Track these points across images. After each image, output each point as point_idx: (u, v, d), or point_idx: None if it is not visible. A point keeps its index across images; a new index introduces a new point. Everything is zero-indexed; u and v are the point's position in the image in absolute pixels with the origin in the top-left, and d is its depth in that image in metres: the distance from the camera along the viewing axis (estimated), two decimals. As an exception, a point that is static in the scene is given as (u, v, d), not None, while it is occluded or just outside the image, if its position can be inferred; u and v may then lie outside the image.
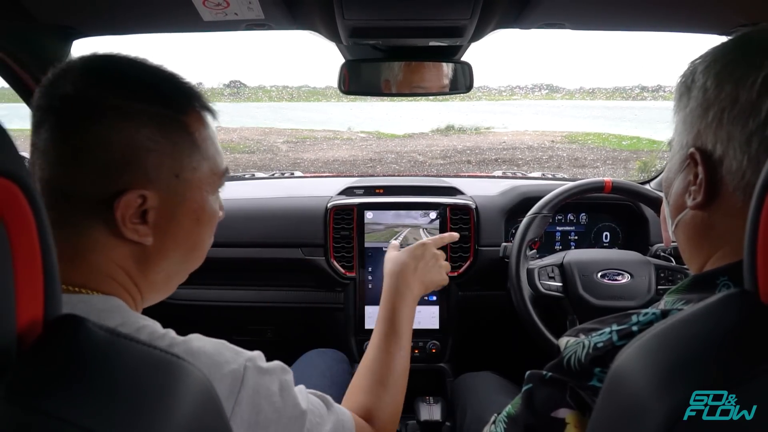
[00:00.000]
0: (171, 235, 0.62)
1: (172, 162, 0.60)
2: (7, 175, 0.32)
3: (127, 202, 0.56)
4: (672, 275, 1.30)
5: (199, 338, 0.59)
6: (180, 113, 0.61)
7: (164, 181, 0.59)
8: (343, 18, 0.98)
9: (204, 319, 1.68)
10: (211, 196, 0.66)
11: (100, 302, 0.56)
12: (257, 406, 0.58)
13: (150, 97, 0.59)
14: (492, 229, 1.60)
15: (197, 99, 0.64)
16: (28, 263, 0.33)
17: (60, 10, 1.02)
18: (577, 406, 0.57)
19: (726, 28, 1.08)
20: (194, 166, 0.62)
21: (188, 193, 0.62)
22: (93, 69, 0.59)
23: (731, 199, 0.54)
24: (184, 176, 0.61)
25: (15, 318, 0.32)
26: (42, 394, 0.31)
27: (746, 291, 0.40)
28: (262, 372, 0.60)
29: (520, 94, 28.44)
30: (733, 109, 0.53)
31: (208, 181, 0.65)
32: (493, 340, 1.74)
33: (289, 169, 2.16)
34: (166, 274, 0.65)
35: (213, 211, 0.67)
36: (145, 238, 0.59)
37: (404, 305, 0.93)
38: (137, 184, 0.57)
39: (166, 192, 0.60)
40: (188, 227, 0.63)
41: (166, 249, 0.62)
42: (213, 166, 0.65)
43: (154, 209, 0.59)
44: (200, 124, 0.63)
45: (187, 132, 0.61)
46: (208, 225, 0.67)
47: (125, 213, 0.57)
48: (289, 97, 28.67)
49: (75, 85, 0.56)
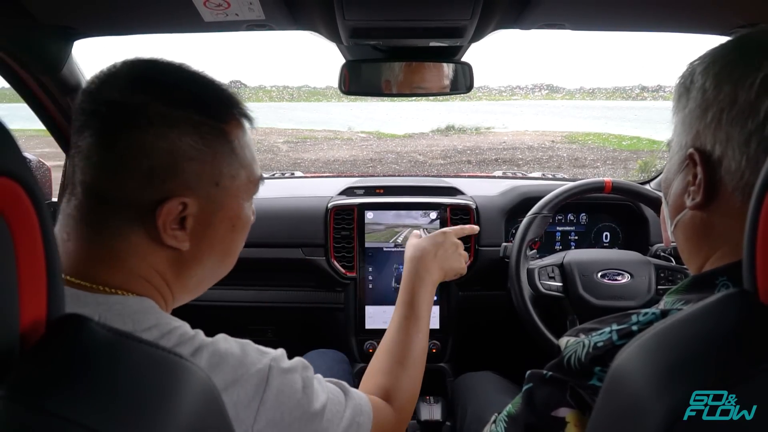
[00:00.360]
0: (207, 241, 0.63)
1: (212, 170, 0.60)
2: (10, 175, 0.32)
3: (168, 209, 0.57)
4: (672, 275, 1.30)
5: (226, 339, 0.60)
6: (221, 121, 0.61)
7: (204, 189, 0.60)
8: (344, 18, 0.98)
9: (205, 319, 1.67)
10: (246, 203, 0.67)
11: (136, 303, 0.57)
12: (281, 404, 0.59)
13: (193, 105, 0.59)
14: (492, 229, 1.60)
15: (237, 106, 0.64)
16: (31, 263, 0.33)
17: (61, 11, 1.02)
18: (578, 406, 0.57)
19: (725, 28, 1.08)
20: (233, 174, 0.63)
21: (226, 200, 0.63)
22: (138, 75, 0.59)
23: (730, 200, 0.54)
24: (224, 184, 0.62)
25: (18, 317, 0.32)
26: (45, 394, 0.32)
27: (745, 291, 0.41)
28: (285, 371, 0.61)
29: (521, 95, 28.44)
30: (732, 109, 0.53)
31: (245, 188, 0.66)
32: (493, 340, 1.74)
33: (289, 169, 2.17)
34: (198, 279, 0.66)
35: (247, 217, 0.68)
36: (182, 244, 0.60)
37: (424, 289, 0.94)
38: (178, 192, 0.58)
39: (205, 199, 0.60)
40: (223, 234, 0.64)
41: (202, 254, 0.63)
42: (250, 174, 0.66)
43: (193, 216, 0.60)
44: (239, 132, 0.64)
45: (227, 140, 0.62)
46: (243, 231, 0.68)
47: (166, 220, 0.57)
48: (290, 97, 28.65)
49: (121, 91, 0.57)
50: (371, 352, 1.58)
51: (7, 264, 0.32)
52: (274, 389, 0.59)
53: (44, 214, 0.34)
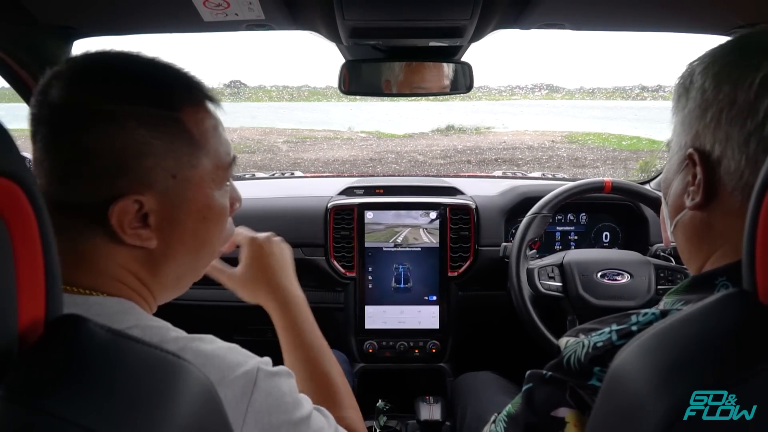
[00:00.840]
0: (176, 236, 0.60)
1: (167, 163, 0.57)
2: (9, 175, 0.32)
3: (121, 209, 0.55)
4: (672, 275, 1.30)
5: (213, 340, 0.59)
6: (174, 110, 0.58)
7: (161, 183, 0.57)
8: (344, 18, 0.98)
9: (204, 319, 1.68)
10: (217, 191, 0.64)
11: (116, 304, 0.56)
12: (270, 407, 0.58)
13: (140, 97, 0.56)
14: (492, 229, 1.60)
15: (195, 91, 0.61)
16: (29, 263, 0.33)
17: (61, 11, 1.02)
18: (577, 406, 0.57)
19: (725, 28, 1.08)
20: (193, 164, 0.60)
21: (189, 192, 0.60)
22: (80, 72, 0.57)
23: (730, 200, 0.54)
24: (183, 176, 0.59)
25: (16, 318, 0.32)
26: (43, 394, 0.32)
27: (745, 291, 0.41)
28: (272, 375, 0.60)
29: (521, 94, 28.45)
30: (732, 109, 0.53)
31: (212, 176, 0.62)
32: (493, 340, 1.74)
33: (289, 169, 2.17)
34: (176, 275, 0.64)
35: (221, 206, 0.65)
36: (148, 242, 0.57)
37: (300, 317, 0.84)
38: (133, 190, 0.55)
39: (164, 194, 0.58)
40: (194, 227, 0.61)
41: (173, 250, 0.61)
42: (217, 160, 0.62)
43: (155, 212, 0.57)
44: (198, 118, 0.60)
45: (183, 129, 0.58)
46: (217, 222, 0.65)
47: (122, 219, 0.55)
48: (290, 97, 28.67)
49: (63, 92, 0.54)
50: (371, 352, 1.58)
51: (5, 264, 0.32)
52: (262, 391, 0.58)
53: (43, 215, 0.34)
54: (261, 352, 0.64)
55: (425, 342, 1.59)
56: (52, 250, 0.35)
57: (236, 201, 0.70)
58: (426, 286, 1.59)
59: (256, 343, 0.77)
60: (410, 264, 1.58)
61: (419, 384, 1.64)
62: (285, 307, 0.84)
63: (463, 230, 1.58)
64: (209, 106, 0.62)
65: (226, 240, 0.69)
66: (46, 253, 0.34)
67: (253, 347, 0.64)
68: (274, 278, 0.86)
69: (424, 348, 1.59)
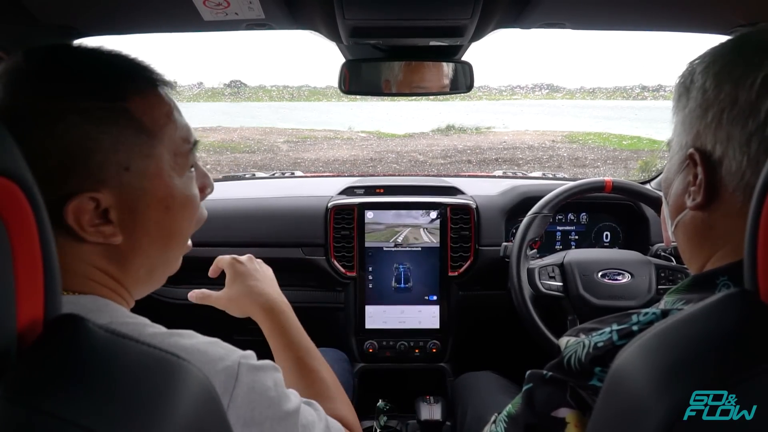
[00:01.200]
0: (141, 229, 0.59)
1: (118, 156, 0.55)
2: (7, 175, 0.32)
3: (76, 207, 0.53)
4: (672, 275, 1.30)
5: (192, 335, 0.58)
6: (119, 100, 0.56)
7: (115, 178, 0.55)
8: (344, 18, 0.98)
9: (204, 318, 1.67)
10: (178, 180, 0.61)
11: (90, 302, 0.55)
12: (253, 402, 0.58)
13: (81, 92, 0.54)
14: (492, 229, 1.60)
15: (142, 78, 0.59)
16: (28, 263, 0.33)
17: (61, 10, 1.02)
18: (578, 406, 0.57)
19: (725, 28, 1.08)
20: (146, 154, 0.57)
21: (147, 183, 0.58)
22: (19, 72, 0.55)
23: (731, 200, 0.54)
24: (137, 167, 0.57)
25: (15, 317, 0.32)
26: (42, 394, 0.31)
27: (746, 290, 0.40)
28: (255, 368, 0.59)
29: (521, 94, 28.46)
30: (733, 109, 0.53)
31: (170, 164, 0.60)
32: (493, 340, 1.74)
33: (289, 169, 2.17)
34: (147, 268, 0.62)
35: (184, 195, 0.62)
36: (112, 238, 0.56)
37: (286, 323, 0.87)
38: (86, 187, 0.53)
39: (120, 188, 0.56)
40: (158, 218, 0.60)
41: (140, 243, 0.59)
42: (173, 147, 0.60)
43: (114, 207, 0.55)
44: (148, 106, 0.58)
45: (131, 118, 0.56)
46: (183, 210, 0.63)
47: (80, 218, 0.54)
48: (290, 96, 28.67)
49: (3, 95, 0.53)
50: (372, 352, 1.58)
51: (4, 264, 0.32)
52: (244, 386, 0.57)
53: (42, 214, 0.34)
54: (260, 351, 0.64)
55: (425, 342, 1.59)
56: (51, 249, 0.35)
57: (207, 186, 0.68)
58: (426, 286, 1.59)
59: (256, 343, 0.77)
60: (410, 264, 1.58)
61: (419, 384, 1.64)
62: (270, 313, 0.88)
63: (464, 230, 1.58)
64: (161, 91, 0.60)
65: (198, 226, 0.67)
66: (44, 252, 0.34)
67: (254, 346, 0.64)
68: (257, 289, 0.91)
69: (424, 348, 1.59)
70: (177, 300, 1.57)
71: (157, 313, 0.63)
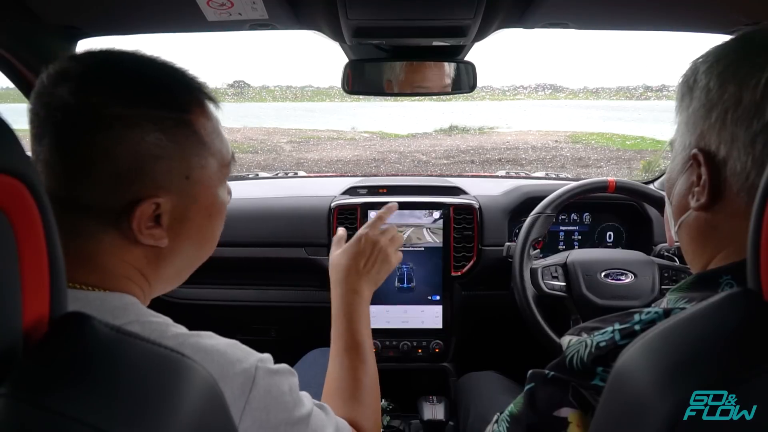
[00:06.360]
0: (185, 233, 0.62)
1: (181, 165, 0.59)
2: (13, 173, 0.32)
3: (141, 211, 0.56)
4: (676, 275, 1.29)
5: (212, 336, 0.59)
6: (184, 112, 0.59)
7: (175, 185, 0.59)
8: (347, 18, 0.98)
9: (208, 318, 1.68)
10: (220, 189, 0.66)
11: (116, 299, 0.56)
12: (268, 405, 0.58)
13: (154, 100, 0.57)
14: (495, 229, 1.60)
15: (200, 92, 0.62)
16: (34, 261, 0.33)
17: (65, 11, 1.02)
18: (580, 405, 0.57)
19: (728, 27, 1.08)
20: (203, 165, 0.61)
21: (200, 191, 0.62)
22: (90, 73, 0.56)
23: (736, 201, 0.54)
24: (194, 177, 0.61)
25: (21, 315, 0.33)
26: (48, 391, 0.32)
27: (749, 290, 0.40)
28: (272, 373, 0.60)
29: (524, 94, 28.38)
30: (737, 109, 0.52)
31: (217, 175, 0.64)
32: (496, 340, 1.74)
33: (292, 169, 2.17)
34: (177, 269, 0.65)
35: (222, 202, 0.67)
36: (161, 241, 0.59)
37: (358, 314, 0.89)
38: (149, 192, 0.56)
39: (177, 195, 0.59)
40: (200, 223, 0.63)
41: (180, 247, 0.62)
42: (220, 159, 0.64)
43: (167, 213, 0.58)
44: (205, 119, 0.62)
45: (193, 131, 0.60)
46: (219, 217, 0.67)
47: (140, 221, 0.56)
48: (293, 97, 28.63)
49: (74, 94, 0.54)
50: (374, 352, 1.58)
51: (9, 261, 0.32)
52: (261, 389, 0.58)
53: (47, 212, 0.35)
54: (264, 351, 0.64)
55: (428, 342, 1.59)
56: (56, 247, 0.35)
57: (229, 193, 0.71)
58: (429, 286, 1.59)
59: (259, 342, 0.77)
60: (413, 264, 1.58)
61: (422, 384, 1.64)
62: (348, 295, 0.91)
63: (467, 230, 1.58)
64: (211, 106, 0.64)
65: None
66: (50, 250, 0.34)
67: (257, 346, 0.64)
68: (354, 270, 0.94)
69: (427, 348, 1.59)
70: (181, 300, 1.58)
71: (162, 311, 0.63)
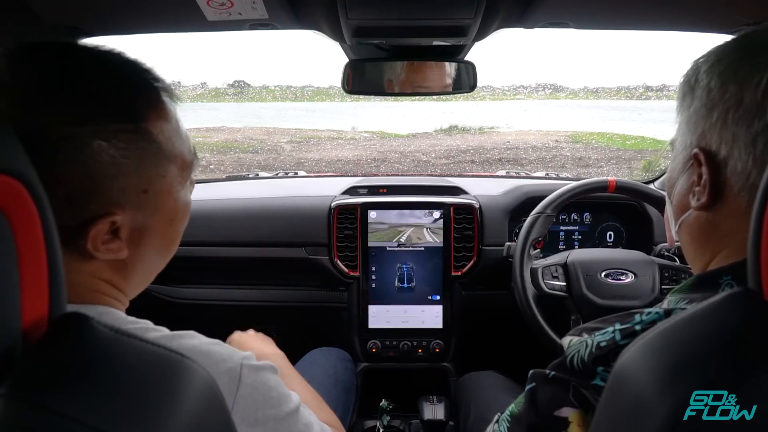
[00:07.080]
0: (146, 241, 0.59)
1: (139, 180, 0.56)
2: (12, 173, 0.32)
3: (96, 231, 0.53)
4: (676, 275, 1.29)
5: (194, 335, 0.58)
6: (140, 121, 0.55)
7: (132, 201, 0.56)
8: (347, 17, 0.98)
9: (208, 318, 1.68)
10: (181, 192, 0.63)
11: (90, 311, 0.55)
12: (257, 402, 0.59)
13: (104, 114, 0.52)
14: (496, 229, 1.60)
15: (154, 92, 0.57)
16: (33, 261, 0.33)
17: (65, 11, 1.02)
18: (580, 405, 0.57)
19: (729, 27, 1.08)
20: (162, 174, 0.58)
21: (159, 202, 0.59)
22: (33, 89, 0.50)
23: (736, 200, 0.54)
24: (153, 189, 0.57)
25: (20, 315, 0.33)
26: (47, 392, 0.32)
27: (750, 290, 0.40)
28: (257, 369, 0.60)
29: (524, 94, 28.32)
30: (738, 109, 0.52)
31: (178, 180, 0.61)
32: (496, 340, 1.74)
33: (293, 169, 2.17)
34: (144, 272, 0.63)
35: (185, 203, 0.64)
36: (119, 254, 0.56)
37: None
38: (105, 211, 0.53)
39: (135, 208, 0.56)
40: (163, 230, 0.61)
41: (143, 254, 0.60)
42: (180, 162, 0.61)
43: (126, 226, 0.56)
44: (163, 122, 0.57)
45: (151, 140, 0.56)
46: (182, 220, 0.64)
47: (96, 240, 0.53)
48: (293, 96, 28.59)
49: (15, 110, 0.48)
50: (375, 352, 1.58)
51: (8, 261, 0.32)
52: (248, 386, 0.58)
53: (46, 212, 0.35)
54: None
55: (429, 341, 1.59)
56: (55, 247, 0.35)
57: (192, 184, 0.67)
58: (429, 286, 1.59)
59: None
60: (414, 263, 1.58)
61: (423, 383, 1.64)
62: None
63: (467, 230, 1.58)
64: (166, 100, 0.59)
65: None
66: (49, 250, 0.34)
67: None
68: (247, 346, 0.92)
69: (427, 347, 1.59)
70: (181, 300, 1.58)
71: (162, 312, 0.63)
